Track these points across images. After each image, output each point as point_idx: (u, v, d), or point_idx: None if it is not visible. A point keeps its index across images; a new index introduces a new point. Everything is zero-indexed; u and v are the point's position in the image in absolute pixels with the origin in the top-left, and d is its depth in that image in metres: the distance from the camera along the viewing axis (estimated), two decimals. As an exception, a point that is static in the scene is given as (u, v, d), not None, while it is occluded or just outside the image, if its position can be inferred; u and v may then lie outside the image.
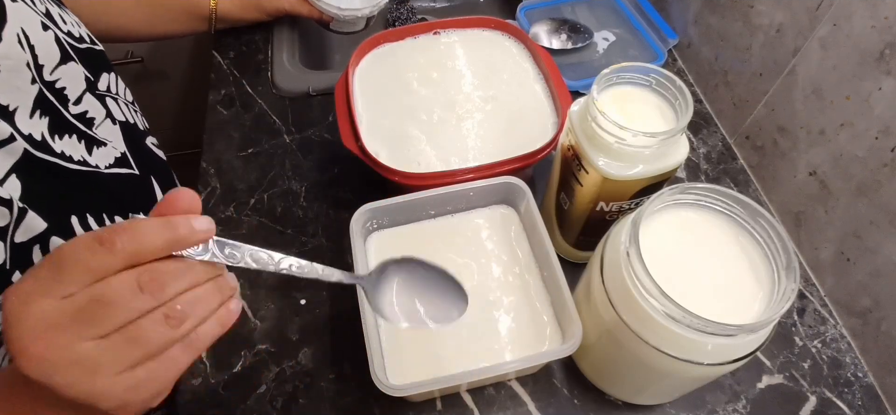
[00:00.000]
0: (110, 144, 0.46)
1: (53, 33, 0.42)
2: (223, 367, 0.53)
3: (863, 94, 0.51)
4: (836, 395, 0.53)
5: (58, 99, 0.41)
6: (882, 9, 0.48)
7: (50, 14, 0.44)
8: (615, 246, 0.41)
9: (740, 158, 0.69)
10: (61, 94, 0.41)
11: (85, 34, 0.48)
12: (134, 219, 0.26)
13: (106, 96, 0.48)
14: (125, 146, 0.48)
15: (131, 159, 0.48)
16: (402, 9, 0.96)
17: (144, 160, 0.51)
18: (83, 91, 0.44)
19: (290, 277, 0.58)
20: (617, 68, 0.46)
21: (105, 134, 0.46)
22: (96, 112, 0.45)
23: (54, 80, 0.41)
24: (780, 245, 0.38)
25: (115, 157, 0.46)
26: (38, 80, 0.39)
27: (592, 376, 0.52)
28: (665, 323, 0.37)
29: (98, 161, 0.44)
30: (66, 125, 0.41)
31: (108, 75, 0.50)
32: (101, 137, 0.45)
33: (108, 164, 0.45)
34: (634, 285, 0.38)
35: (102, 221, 0.42)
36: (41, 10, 0.43)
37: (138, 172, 0.49)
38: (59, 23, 0.44)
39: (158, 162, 0.55)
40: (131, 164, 0.48)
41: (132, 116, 0.52)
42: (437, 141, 0.57)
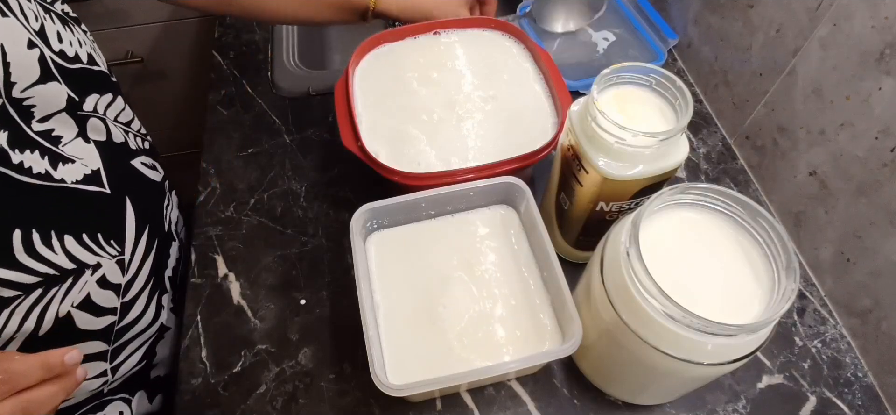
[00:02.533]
0: (80, 161, 0.45)
1: (39, 52, 0.42)
2: (223, 367, 0.53)
3: (863, 94, 0.51)
4: (836, 395, 0.53)
5: (21, 115, 0.41)
6: (882, 9, 0.48)
7: (43, 32, 0.43)
8: (615, 246, 0.41)
9: (740, 158, 0.69)
10: (27, 111, 0.41)
11: (84, 54, 0.48)
12: (13, 363, 0.34)
13: (90, 117, 0.47)
14: (101, 164, 0.48)
15: (105, 178, 0.48)
16: (402, 9, 0.96)
17: (123, 181, 0.50)
18: (57, 111, 0.44)
19: (290, 276, 0.58)
20: (617, 68, 0.46)
21: (74, 151, 0.45)
22: (65, 131, 0.45)
23: (24, 98, 0.41)
24: (780, 245, 0.38)
25: (85, 174, 0.46)
26: (2, 96, 0.39)
27: (592, 376, 0.52)
28: (665, 323, 0.37)
29: (64, 176, 0.44)
30: (27, 140, 0.41)
31: (100, 96, 0.49)
32: (68, 154, 0.44)
33: (75, 180, 0.45)
34: (634, 285, 0.38)
35: (50, 242, 0.42)
36: (34, 27, 0.42)
37: (110, 191, 0.48)
38: (53, 42, 0.44)
39: (143, 182, 0.54)
40: (103, 183, 0.48)
41: (121, 136, 0.52)
42: (437, 141, 0.57)
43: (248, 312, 0.57)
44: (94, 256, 0.46)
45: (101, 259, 0.47)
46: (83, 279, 0.45)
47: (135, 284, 0.52)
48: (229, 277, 0.59)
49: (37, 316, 0.42)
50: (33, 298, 0.42)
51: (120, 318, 0.51)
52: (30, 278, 0.41)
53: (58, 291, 0.43)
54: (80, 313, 0.46)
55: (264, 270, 0.59)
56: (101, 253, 0.47)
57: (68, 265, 0.44)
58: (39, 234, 0.41)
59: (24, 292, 0.41)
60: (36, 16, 0.43)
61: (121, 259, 0.49)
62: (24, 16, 0.42)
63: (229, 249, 0.61)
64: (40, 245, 0.41)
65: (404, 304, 0.49)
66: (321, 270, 0.59)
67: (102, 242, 0.47)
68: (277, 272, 0.59)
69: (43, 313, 0.43)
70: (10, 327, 0.41)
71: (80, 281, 0.45)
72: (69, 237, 0.44)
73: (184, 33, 1.08)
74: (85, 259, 0.45)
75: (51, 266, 0.42)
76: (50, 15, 0.46)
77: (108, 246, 0.48)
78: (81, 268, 0.45)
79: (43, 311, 0.43)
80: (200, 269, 0.59)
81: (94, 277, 0.46)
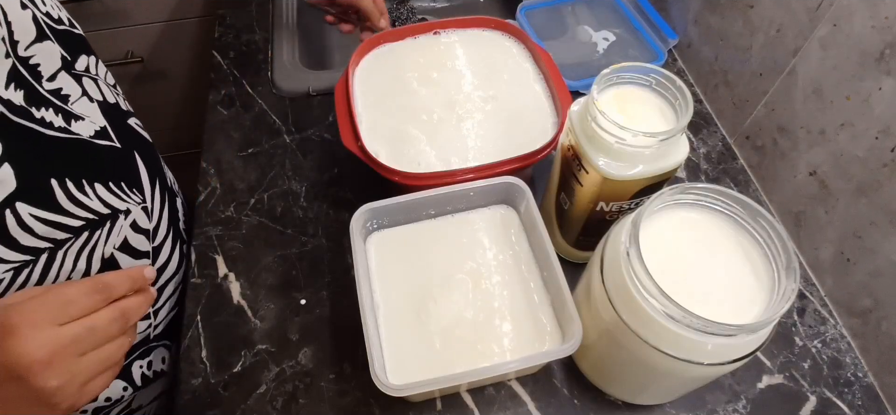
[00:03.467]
0: (88, 118, 0.47)
1: (31, 12, 0.44)
2: (223, 367, 0.53)
3: (863, 94, 0.51)
4: (836, 395, 0.53)
5: (31, 74, 0.42)
6: (882, 9, 0.48)
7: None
8: (615, 246, 0.41)
9: (740, 158, 0.69)
10: (35, 70, 0.43)
11: (64, 17, 0.50)
12: (107, 278, 0.41)
13: (83, 76, 0.49)
14: (105, 121, 0.50)
15: (112, 133, 0.50)
16: (402, 9, 0.96)
17: (127, 137, 0.52)
18: (58, 69, 0.45)
19: (290, 276, 0.58)
20: (617, 68, 0.46)
21: (82, 110, 0.47)
22: (71, 90, 0.46)
23: (28, 56, 0.42)
24: (780, 245, 0.38)
25: (95, 130, 0.48)
26: (11, 55, 0.40)
27: (592, 376, 0.52)
28: (665, 323, 0.37)
29: (79, 131, 0.46)
30: (41, 99, 0.43)
31: (88, 58, 0.51)
32: (78, 112, 0.46)
33: (89, 135, 0.47)
34: (634, 285, 0.38)
35: (83, 188, 0.45)
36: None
37: (120, 145, 0.50)
38: (39, 3, 0.46)
39: (142, 140, 0.56)
40: (112, 137, 0.50)
41: (113, 97, 0.54)
42: (437, 141, 0.57)
43: (248, 312, 0.57)
44: (123, 203, 0.49)
45: (130, 205, 0.50)
46: (119, 223, 0.49)
47: (160, 230, 0.55)
48: (229, 277, 0.59)
49: (86, 257, 0.46)
50: (82, 241, 0.45)
51: (153, 261, 0.54)
52: (75, 222, 0.44)
53: (101, 234, 0.47)
54: (122, 255, 0.49)
55: (264, 270, 0.59)
56: (129, 200, 0.50)
57: (104, 210, 0.47)
58: (73, 182, 0.44)
59: (73, 235, 0.44)
60: None
61: (144, 206, 0.52)
62: None
63: (229, 249, 0.61)
64: (76, 192, 0.44)
65: (404, 304, 0.49)
66: (321, 270, 0.59)
67: (126, 189, 0.50)
68: (277, 272, 0.59)
69: (91, 255, 0.46)
70: (66, 267, 0.44)
71: (117, 225, 0.48)
72: (99, 185, 0.46)
73: (184, 33, 1.08)
74: (116, 205, 0.48)
75: (90, 211, 0.45)
76: None
77: (132, 193, 0.51)
78: (115, 213, 0.48)
79: (91, 252, 0.46)
80: (200, 269, 0.59)
81: (127, 221, 0.50)
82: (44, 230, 0.42)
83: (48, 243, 0.42)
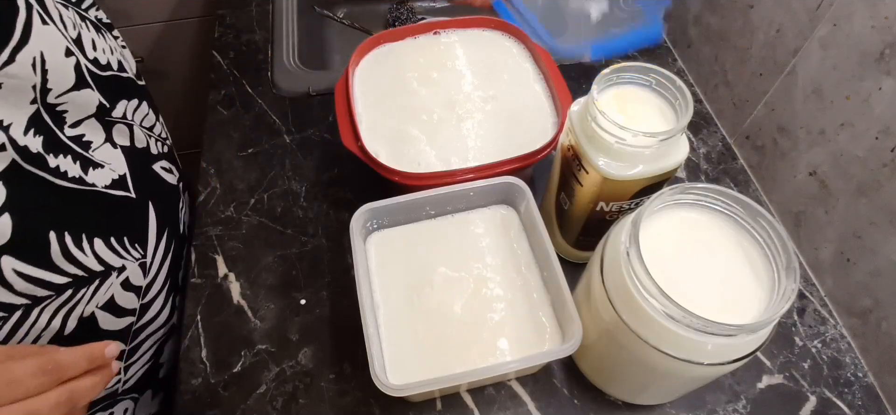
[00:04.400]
0: (108, 166, 0.46)
1: (75, 59, 0.43)
2: (223, 367, 0.53)
3: (863, 94, 0.51)
4: (836, 395, 0.53)
5: (54, 120, 0.41)
6: (882, 9, 0.48)
7: (80, 40, 0.44)
8: (615, 246, 0.41)
9: (740, 158, 0.69)
10: (60, 116, 0.42)
11: (114, 61, 0.49)
12: (61, 357, 0.36)
13: (116, 123, 0.48)
14: (127, 169, 0.49)
15: (130, 183, 0.49)
16: (402, 9, 0.96)
17: (146, 185, 0.52)
18: (87, 116, 0.44)
19: (290, 276, 0.58)
20: (617, 68, 0.46)
21: (103, 156, 0.46)
22: (94, 136, 0.45)
23: (57, 104, 0.41)
24: (780, 245, 0.38)
25: (113, 179, 0.47)
26: (38, 102, 0.39)
27: (592, 376, 0.52)
28: (665, 323, 0.37)
29: (95, 180, 0.45)
30: (60, 146, 0.42)
31: (128, 103, 0.50)
32: (97, 160, 0.45)
33: (105, 184, 0.46)
34: (634, 285, 0.38)
35: (81, 243, 0.43)
36: (72, 35, 0.43)
37: (135, 195, 0.49)
38: (88, 50, 0.45)
39: (163, 187, 0.56)
40: (129, 187, 0.49)
41: (144, 141, 0.53)
42: (437, 141, 0.57)
43: (248, 312, 0.57)
44: (120, 259, 0.48)
45: (126, 262, 0.48)
46: (109, 281, 0.47)
47: (154, 286, 0.53)
48: (229, 277, 0.59)
49: (63, 315, 0.43)
50: (64, 299, 0.43)
51: (138, 318, 0.52)
52: (62, 279, 0.42)
53: (86, 293, 0.45)
54: (104, 313, 0.47)
55: (264, 270, 0.59)
56: (127, 256, 0.48)
57: (97, 267, 0.45)
58: (72, 236, 0.42)
59: (55, 292, 0.42)
60: (74, 24, 0.44)
61: (143, 262, 0.51)
62: (63, 24, 0.42)
63: (229, 249, 0.61)
64: (73, 247, 0.42)
65: (404, 304, 0.49)
66: (321, 270, 0.59)
67: (128, 245, 0.48)
68: (277, 272, 0.59)
69: (69, 313, 0.44)
70: (39, 325, 0.42)
71: (107, 283, 0.46)
72: (99, 240, 0.45)
73: (184, 33, 1.08)
74: (112, 262, 0.47)
75: (81, 268, 0.43)
76: (85, 22, 0.47)
77: (133, 249, 0.49)
78: (108, 270, 0.46)
79: (70, 311, 0.44)
80: (200, 269, 0.59)
81: (118, 279, 0.48)
82: (24, 287, 0.39)
83: (25, 300, 0.40)
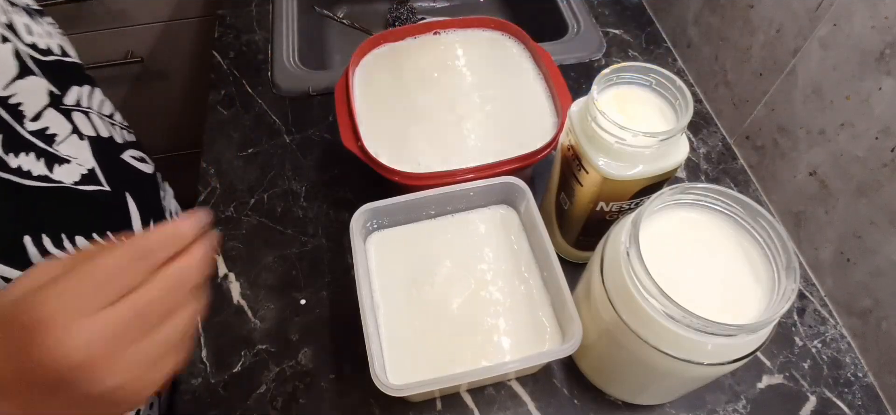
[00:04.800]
0: (75, 161, 0.44)
1: (12, 46, 0.40)
2: (223, 367, 0.53)
3: (863, 94, 0.51)
4: (836, 395, 0.53)
5: (12, 115, 0.39)
6: (882, 9, 0.48)
7: (12, 25, 0.42)
8: (615, 246, 0.41)
9: (740, 158, 0.69)
10: (16, 109, 0.39)
11: (55, 45, 0.45)
12: (146, 241, 0.30)
13: (73, 111, 0.45)
14: (94, 162, 0.46)
15: (101, 176, 0.46)
16: (402, 9, 0.96)
17: (118, 176, 0.49)
18: (44, 106, 0.42)
19: (290, 276, 0.58)
20: (617, 68, 0.46)
21: (69, 150, 0.43)
22: (59, 128, 0.43)
23: (8, 96, 0.39)
24: (779, 245, 0.38)
25: (82, 174, 0.44)
26: None
27: (592, 376, 0.52)
28: (665, 323, 0.37)
29: (62, 177, 0.42)
30: (22, 143, 0.39)
31: (80, 88, 0.47)
32: (63, 155, 0.43)
33: (74, 181, 0.43)
34: (634, 285, 0.38)
35: (61, 243, 0.41)
36: (3, 21, 0.41)
37: (109, 188, 0.47)
38: (23, 34, 0.42)
39: (138, 176, 0.53)
40: (100, 180, 0.46)
41: (107, 130, 0.50)
42: (437, 141, 0.57)
43: (248, 312, 0.57)
44: None
45: None
46: None
47: None
48: (229, 277, 0.59)
49: None
50: None
51: None
52: None
53: None
54: None
55: (264, 270, 0.59)
56: None
57: None
58: (50, 237, 0.40)
59: None
60: (3, 10, 0.42)
61: None
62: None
63: (229, 249, 0.61)
64: (53, 248, 0.40)
65: (404, 304, 0.49)
66: (321, 270, 0.59)
67: (113, 239, 0.46)
68: (277, 272, 0.59)
69: None
70: None
71: None
72: (80, 238, 0.43)
73: (184, 33, 1.08)
74: None
75: None
76: (15, 7, 0.44)
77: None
78: None
79: None
80: (200, 269, 0.59)
81: None
82: None
83: None
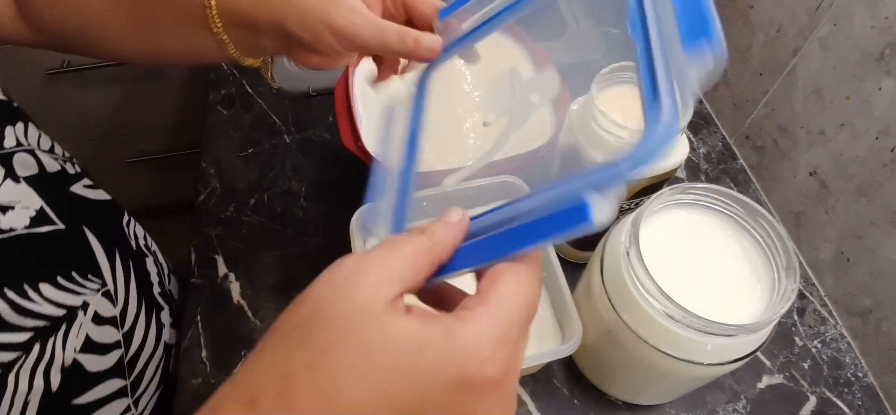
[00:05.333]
0: (19, 204, 0.40)
1: None
2: (223, 367, 0.53)
3: (863, 94, 0.51)
4: (836, 395, 0.53)
5: None
6: (882, 9, 0.48)
7: None
8: (615, 246, 0.41)
9: (740, 158, 0.69)
10: None
11: None
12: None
13: (13, 153, 0.42)
14: (41, 200, 0.42)
15: (52, 213, 0.43)
16: (402, 9, 0.96)
17: (72, 211, 0.46)
18: None
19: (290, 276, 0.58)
20: (617, 68, 0.46)
21: (9, 196, 0.40)
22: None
23: None
24: (779, 245, 0.38)
25: (31, 216, 0.41)
26: None
27: (592, 376, 0.52)
28: (665, 323, 0.37)
29: (12, 224, 0.39)
30: None
31: (15, 127, 0.43)
32: (5, 202, 0.39)
33: (24, 225, 0.40)
34: (634, 285, 0.38)
35: (25, 293, 0.39)
36: None
37: (64, 225, 0.44)
38: None
39: (94, 206, 0.50)
40: (53, 219, 0.43)
41: (56, 164, 0.46)
42: (437, 141, 0.57)
43: (248, 312, 0.56)
44: (79, 296, 0.43)
45: (87, 296, 0.44)
46: (78, 322, 0.43)
47: (129, 311, 0.50)
48: (229, 277, 0.59)
49: (43, 372, 0.40)
50: (34, 356, 0.40)
51: (126, 349, 0.48)
52: (21, 336, 0.39)
53: (55, 341, 0.41)
54: (87, 356, 0.44)
55: (264, 270, 0.59)
56: (85, 290, 0.44)
57: (56, 312, 0.41)
58: (12, 289, 0.38)
59: (23, 351, 0.39)
60: None
61: (106, 290, 0.47)
62: None
63: (229, 249, 0.61)
64: (20, 300, 0.39)
65: (404, 304, 0.49)
66: (321, 271, 0.59)
67: (78, 278, 0.44)
68: (277, 272, 0.59)
69: (49, 368, 0.41)
70: (21, 390, 0.39)
71: (75, 324, 0.43)
72: (44, 284, 0.41)
73: (184, 33, 1.08)
74: (69, 302, 0.42)
75: (38, 317, 0.40)
76: None
77: (88, 281, 0.45)
78: (71, 312, 0.43)
79: (48, 365, 0.41)
80: (200, 269, 0.59)
81: (87, 316, 0.44)
82: None
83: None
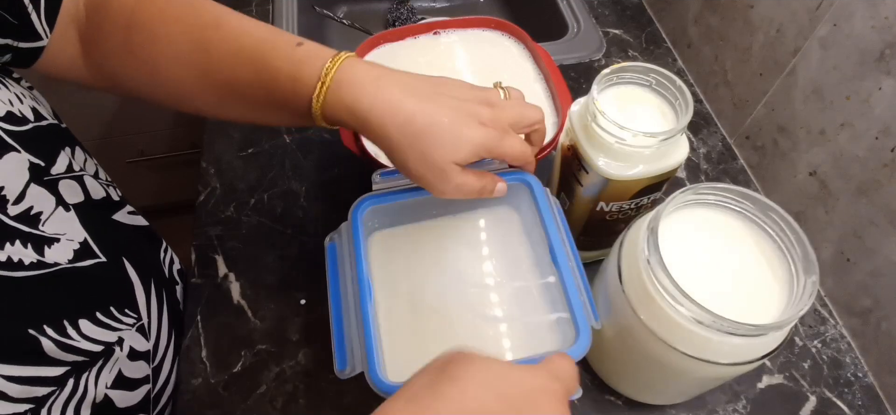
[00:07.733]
0: (64, 237, 0.40)
1: None
2: (223, 367, 0.53)
3: (863, 94, 0.51)
4: (836, 395, 0.53)
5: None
6: (882, 9, 0.48)
7: None
8: (632, 248, 0.41)
9: (740, 158, 0.69)
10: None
11: (28, 110, 0.40)
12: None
13: (61, 180, 0.41)
14: (85, 232, 0.42)
15: (94, 246, 0.43)
16: (402, 9, 0.96)
17: (114, 241, 0.45)
18: (27, 183, 0.38)
19: (290, 276, 0.58)
20: (617, 68, 0.46)
21: (56, 228, 0.40)
22: (43, 204, 0.39)
23: None
24: (794, 238, 0.38)
25: (75, 250, 0.41)
26: None
27: (599, 370, 0.52)
28: (692, 327, 0.36)
29: (56, 259, 0.39)
30: (6, 232, 0.36)
31: (67, 151, 0.43)
32: (50, 234, 0.39)
33: (68, 259, 0.40)
34: (658, 293, 0.37)
35: (64, 330, 0.39)
36: None
37: (105, 258, 0.44)
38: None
39: (132, 234, 0.50)
40: (95, 252, 0.43)
41: (101, 190, 0.46)
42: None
43: (248, 312, 0.56)
44: (115, 332, 0.44)
45: (122, 332, 0.44)
46: (114, 358, 0.43)
47: (160, 344, 0.50)
48: (229, 277, 0.59)
49: (75, 408, 0.40)
50: (68, 391, 0.39)
51: (153, 384, 0.48)
52: (58, 370, 0.39)
53: (89, 377, 0.41)
54: (117, 392, 0.43)
55: (264, 270, 0.59)
56: (121, 326, 0.44)
57: (94, 348, 0.41)
58: (52, 327, 0.38)
59: (57, 387, 0.39)
60: None
61: (141, 325, 0.47)
62: None
63: (229, 249, 0.61)
64: (59, 336, 0.39)
65: (404, 304, 0.49)
66: (321, 270, 0.59)
67: (117, 314, 0.44)
68: (277, 272, 0.59)
69: (80, 404, 0.40)
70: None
71: (111, 361, 0.43)
72: (84, 320, 0.41)
73: (183, 33, 1.08)
74: (106, 338, 0.43)
75: (76, 353, 0.40)
76: None
77: (125, 316, 0.45)
78: (108, 348, 0.43)
79: (80, 402, 0.40)
80: (200, 269, 0.59)
81: (123, 352, 0.44)
82: (19, 391, 0.35)
83: (28, 405, 0.36)
